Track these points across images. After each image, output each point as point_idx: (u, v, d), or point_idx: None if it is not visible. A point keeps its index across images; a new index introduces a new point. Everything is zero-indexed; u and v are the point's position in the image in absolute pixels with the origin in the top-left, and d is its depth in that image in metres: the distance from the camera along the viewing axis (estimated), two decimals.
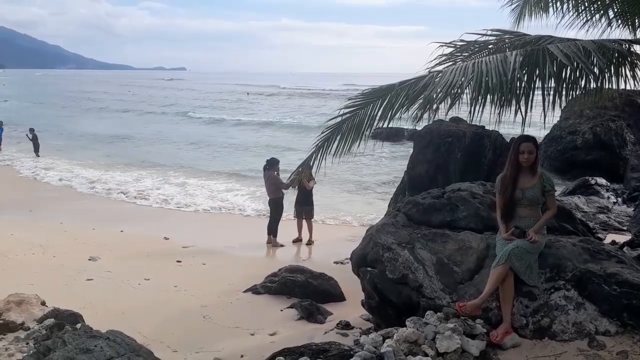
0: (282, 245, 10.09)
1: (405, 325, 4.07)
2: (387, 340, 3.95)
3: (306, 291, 6.91)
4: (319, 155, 5.29)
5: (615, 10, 5.69)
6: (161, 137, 29.54)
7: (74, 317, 5.19)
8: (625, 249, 6.36)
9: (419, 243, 4.61)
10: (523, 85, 4.77)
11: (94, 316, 5.68)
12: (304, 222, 10.31)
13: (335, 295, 7.02)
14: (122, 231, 10.52)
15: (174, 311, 6.48)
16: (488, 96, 4.77)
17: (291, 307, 6.62)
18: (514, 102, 4.85)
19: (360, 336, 5.07)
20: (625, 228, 9.81)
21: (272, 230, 10.19)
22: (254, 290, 7.24)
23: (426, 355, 3.76)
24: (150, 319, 6.21)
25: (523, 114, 4.84)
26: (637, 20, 5.73)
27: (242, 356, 5.19)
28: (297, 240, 10.34)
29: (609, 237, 8.80)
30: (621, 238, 8.38)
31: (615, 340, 3.85)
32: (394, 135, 24.32)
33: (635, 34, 5.78)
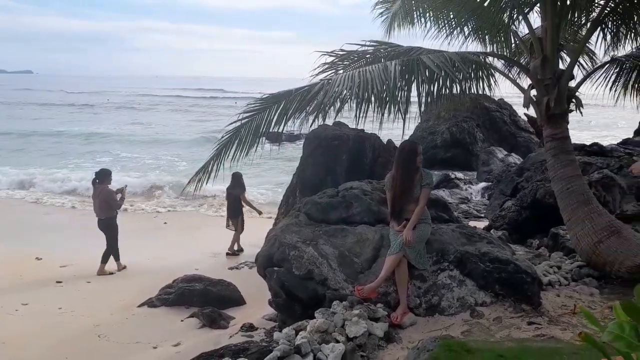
0: (124, 268, 8.83)
1: (313, 319, 4.34)
2: (300, 333, 4.18)
3: (206, 299, 6.84)
4: (219, 160, 5.38)
5: (471, 26, 6.59)
6: None
7: None
8: (492, 231, 7.38)
9: (322, 239, 4.92)
10: (403, 91, 5.36)
11: None
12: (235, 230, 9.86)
13: (236, 299, 7.07)
14: None
15: (63, 335, 6.00)
16: (371, 102, 5.31)
17: (192, 316, 6.52)
18: (393, 106, 5.44)
19: (267, 335, 5.25)
20: (482, 215, 11.26)
21: (114, 255, 8.83)
22: (150, 303, 6.99)
23: (338, 341, 4.07)
24: (36, 346, 5.70)
25: (403, 115, 5.45)
26: (487, 37, 6.70)
27: None
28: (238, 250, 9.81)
29: (471, 224, 10.05)
30: (480, 224, 9.62)
31: (491, 309, 4.52)
32: (274, 139, 24.64)
33: (486, 48, 6.77)
